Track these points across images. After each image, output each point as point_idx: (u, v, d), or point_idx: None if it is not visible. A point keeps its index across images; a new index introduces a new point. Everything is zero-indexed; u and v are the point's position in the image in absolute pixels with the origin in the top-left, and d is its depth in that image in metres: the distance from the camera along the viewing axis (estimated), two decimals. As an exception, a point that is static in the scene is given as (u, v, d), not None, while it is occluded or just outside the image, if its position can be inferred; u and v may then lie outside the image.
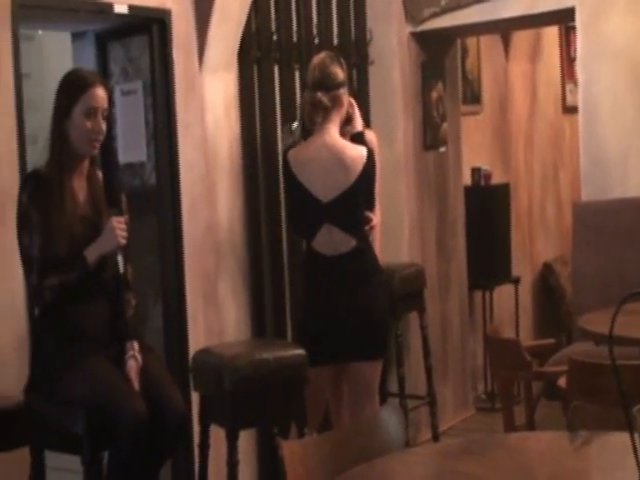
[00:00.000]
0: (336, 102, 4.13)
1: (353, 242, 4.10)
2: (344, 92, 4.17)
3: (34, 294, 3.37)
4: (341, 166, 4.06)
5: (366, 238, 4.19)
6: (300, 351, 3.84)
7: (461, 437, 5.11)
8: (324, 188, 4.07)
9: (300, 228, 4.34)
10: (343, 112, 4.20)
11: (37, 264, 3.28)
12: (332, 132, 4.13)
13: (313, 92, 4.12)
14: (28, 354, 3.68)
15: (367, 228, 4.18)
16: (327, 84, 4.12)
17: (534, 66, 7.71)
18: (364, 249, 4.15)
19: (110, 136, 3.48)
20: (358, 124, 4.35)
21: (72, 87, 3.39)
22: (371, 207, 4.23)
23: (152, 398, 3.23)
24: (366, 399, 4.19)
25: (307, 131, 4.23)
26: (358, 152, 4.11)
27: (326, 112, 4.11)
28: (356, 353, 4.12)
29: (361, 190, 4.10)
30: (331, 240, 4.09)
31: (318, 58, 4.23)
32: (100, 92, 3.38)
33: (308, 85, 4.20)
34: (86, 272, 3.28)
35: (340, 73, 4.16)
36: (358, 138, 4.27)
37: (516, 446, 2.59)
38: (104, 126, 3.38)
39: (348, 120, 4.30)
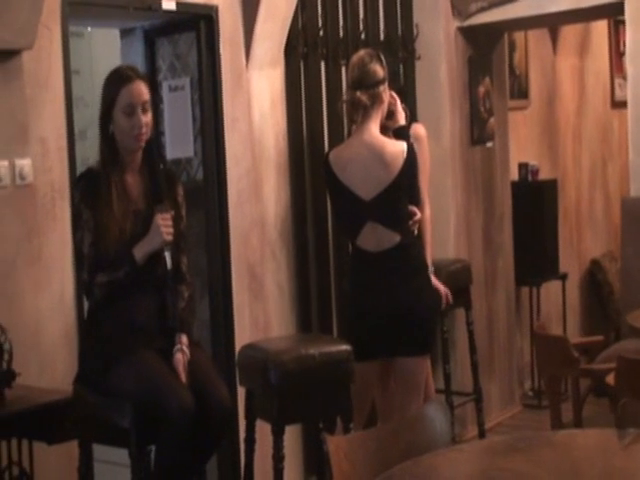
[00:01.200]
0: (376, 100, 4.12)
1: (397, 238, 4.10)
2: (384, 89, 4.16)
3: (85, 290, 3.41)
4: (381, 163, 4.07)
5: (411, 233, 4.18)
6: (346, 347, 3.84)
7: (507, 434, 5.09)
8: (365, 186, 4.08)
9: (345, 228, 4.36)
10: (384, 109, 4.19)
11: (88, 261, 3.32)
12: (372, 130, 4.12)
13: (352, 91, 4.13)
14: (77, 348, 3.73)
15: (410, 223, 4.17)
16: (366, 82, 4.11)
17: (582, 60, 7.63)
18: (408, 244, 4.15)
19: (157, 131, 3.50)
20: (400, 118, 4.34)
21: (109, 88, 3.41)
22: (417, 202, 4.23)
23: (199, 392, 3.25)
24: (412, 395, 4.19)
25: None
26: (398, 148, 4.10)
27: (365, 110, 4.11)
28: (401, 349, 4.12)
29: (403, 186, 4.10)
30: (375, 237, 4.10)
31: (357, 56, 4.22)
32: (136, 87, 3.38)
33: (348, 84, 4.21)
34: (134, 269, 3.31)
35: (379, 70, 4.15)
36: (401, 132, 4.27)
37: (563, 443, 2.57)
38: (146, 118, 3.38)
39: (390, 115, 4.30)
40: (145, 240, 3.32)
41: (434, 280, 4.64)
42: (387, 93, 4.19)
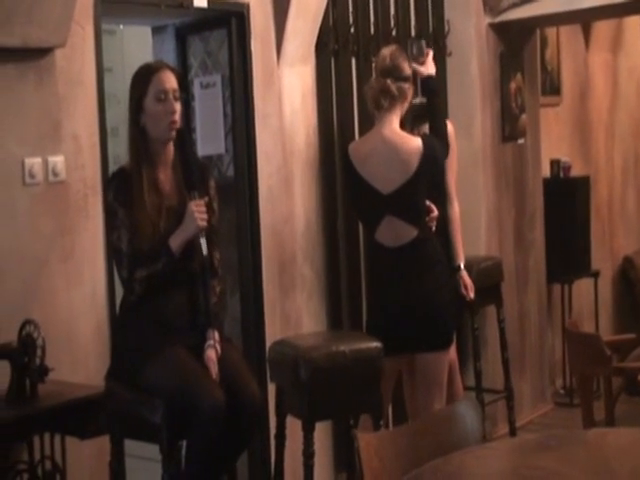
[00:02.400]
0: (402, 94, 4.17)
1: (414, 232, 4.13)
2: (409, 87, 4.21)
3: (126, 287, 3.42)
4: (399, 160, 4.10)
5: (428, 229, 4.20)
6: (376, 343, 3.84)
7: (539, 432, 5.07)
8: (384, 181, 4.12)
9: (363, 221, 4.42)
10: (405, 106, 4.23)
11: (127, 258, 3.33)
12: (393, 124, 4.16)
13: (383, 79, 4.17)
14: (109, 343, 3.76)
15: (428, 219, 4.19)
16: (396, 74, 4.17)
17: (615, 56, 7.57)
18: (426, 239, 4.17)
19: (188, 126, 3.51)
20: (430, 68, 4.38)
21: (140, 78, 3.43)
22: (442, 197, 4.27)
23: (230, 388, 3.26)
24: (433, 390, 4.20)
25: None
26: (414, 144, 4.12)
27: (392, 101, 4.15)
28: (419, 344, 4.15)
29: (421, 181, 4.12)
30: (393, 231, 4.13)
31: (389, 49, 4.30)
32: (166, 75, 3.41)
33: (377, 72, 4.24)
34: (171, 260, 3.31)
35: (407, 68, 4.23)
36: (427, 83, 4.32)
37: (595, 442, 2.56)
38: (177, 106, 3.40)
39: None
40: (180, 229, 3.33)
41: (464, 276, 4.65)
42: (411, 93, 4.24)
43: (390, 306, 4.16)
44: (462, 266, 4.68)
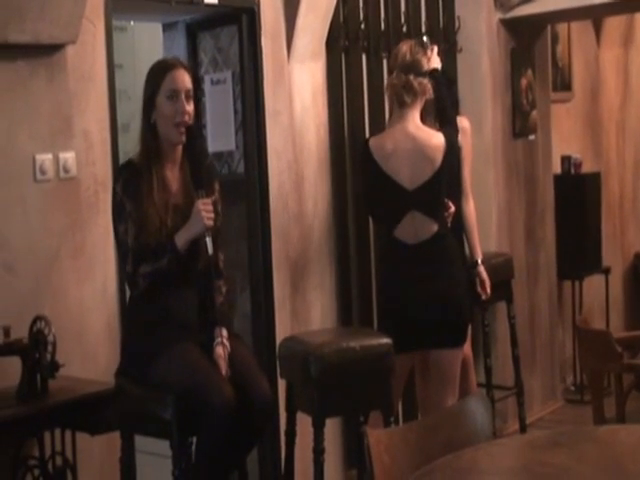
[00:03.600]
0: (423, 89, 4.19)
1: (435, 227, 4.14)
2: (427, 82, 4.22)
3: (129, 282, 3.42)
4: (425, 157, 4.12)
5: (446, 224, 4.21)
6: (386, 340, 3.83)
7: (549, 429, 5.05)
8: (410, 177, 4.12)
9: (384, 216, 4.34)
10: (423, 101, 4.24)
11: (132, 252, 3.32)
12: (416, 120, 4.18)
13: (404, 75, 4.17)
14: (119, 339, 3.76)
15: (446, 215, 4.20)
16: (416, 70, 4.19)
17: (627, 52, 7.55)
18: (444, 235, 4.18)
19: (198, 123, 3.50)
20: (435, 62, 4.38)
21: (153, 75, 3.43)
22: (458, 193, 4.28)
23: (240, 385, 3.26)
24: (447, 387, 4.20)
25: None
26: (439, 141, 4.15)
27: (415, 96, 4.17)
28: (433, 341, 4.15)
29: (444, 177, 4.15)
30: (414, 227, 4.13)
31: (407, 44, 4.30)
32: (180, 74, 3.40)
33: (398, 67, 4.23)
34: (176, 257, 3.30)
35: (426, 63, 4.25)
36: (433, 76, 4.30)
37: (606, 439, 2.55)
38: (189, 107, 3.40)
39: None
40: (186, 226, 3.32)
41: (482, 271, 4.64)
42: (430, 88, 4.23)
43: (407, 304, 4.14)
44: (480, 261, 4.67)
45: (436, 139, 4.15)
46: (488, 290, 4.69)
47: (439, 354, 4.18)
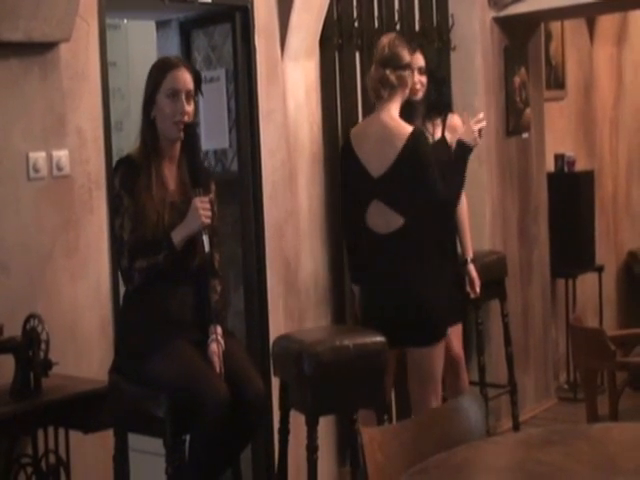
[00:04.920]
0: (401, 82, 4.24)
1: (400, 221, 4.15)
2: (409, 74, 4.27)
3: (124, 276, 3.42)
4: (389, 142, 4.17)
5: (417, 219, 4.18)
6: (380, 338, 3.84)
7: (542, 427, 5.06)
8: (375, 163, 4.19)
9: (351, 204, 4.37)
10: (406, 93, 4.30)
11: (128, 247, 3.33)
12: (391, 110, 4.24)
13: (382, 69, 4.23)
14: (113, 337, 3.76)
15: (472, 122, 4.31)
16: (394, 63, 4.23)
17: (620, 50, 7.56)
18: (413, 229, 4.16)
19: (194, 121, 3.51)
20: (416, 93, 4.48)
21: (155, 73, 3.44)
22: (428, 192, 4.32)
23: (233, 383, 3.26)
24: (427, 387, 4.20)
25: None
26: (404, 130, 4.17)
27: (392, 90, 4.22)
28: (404, 339, 4.15)
29: (406, 168, 4.13)
30: (383, 217, 4.17)
31: (387, 37, 4.35)
32: (182, 74, 3.41)
33: (376, 62, 4.29)
34: (172, 253, 3.31)
35: (407, 56, 4.28)
36: (411, 106, 4.42)
37: (599, 437, 2.56)
38: (188, 108, 3.40)
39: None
40: (183, 223, 3.32)
41: (471, 270, 4.64)
42: (412, 79, 4.30)
43: (379, 298, 4.20)
44: (469, 260, 4.68)
45: (402, 129, 4.18)
46: (477, 289, 4.69)
47: (413, 352, 4.20)
